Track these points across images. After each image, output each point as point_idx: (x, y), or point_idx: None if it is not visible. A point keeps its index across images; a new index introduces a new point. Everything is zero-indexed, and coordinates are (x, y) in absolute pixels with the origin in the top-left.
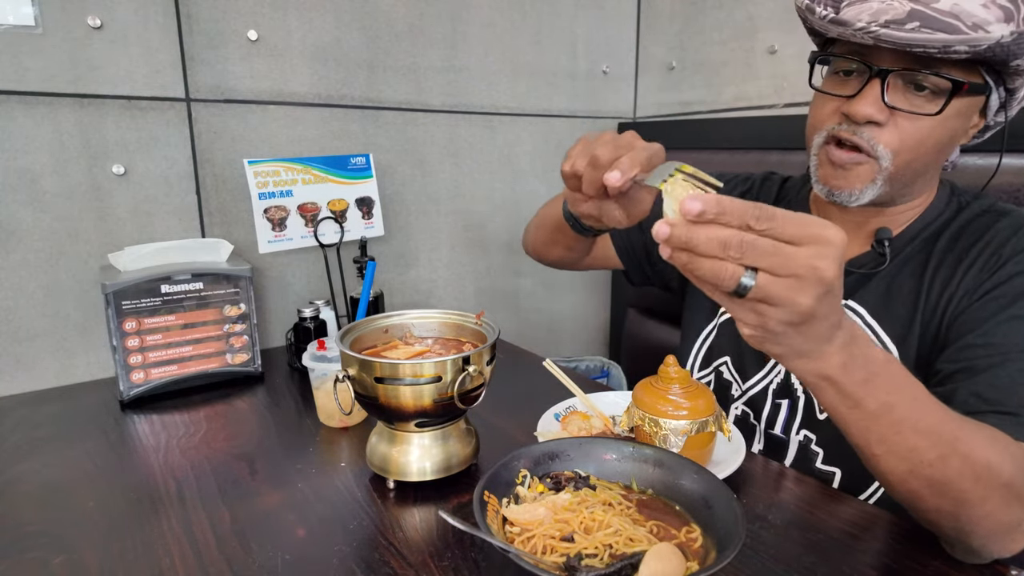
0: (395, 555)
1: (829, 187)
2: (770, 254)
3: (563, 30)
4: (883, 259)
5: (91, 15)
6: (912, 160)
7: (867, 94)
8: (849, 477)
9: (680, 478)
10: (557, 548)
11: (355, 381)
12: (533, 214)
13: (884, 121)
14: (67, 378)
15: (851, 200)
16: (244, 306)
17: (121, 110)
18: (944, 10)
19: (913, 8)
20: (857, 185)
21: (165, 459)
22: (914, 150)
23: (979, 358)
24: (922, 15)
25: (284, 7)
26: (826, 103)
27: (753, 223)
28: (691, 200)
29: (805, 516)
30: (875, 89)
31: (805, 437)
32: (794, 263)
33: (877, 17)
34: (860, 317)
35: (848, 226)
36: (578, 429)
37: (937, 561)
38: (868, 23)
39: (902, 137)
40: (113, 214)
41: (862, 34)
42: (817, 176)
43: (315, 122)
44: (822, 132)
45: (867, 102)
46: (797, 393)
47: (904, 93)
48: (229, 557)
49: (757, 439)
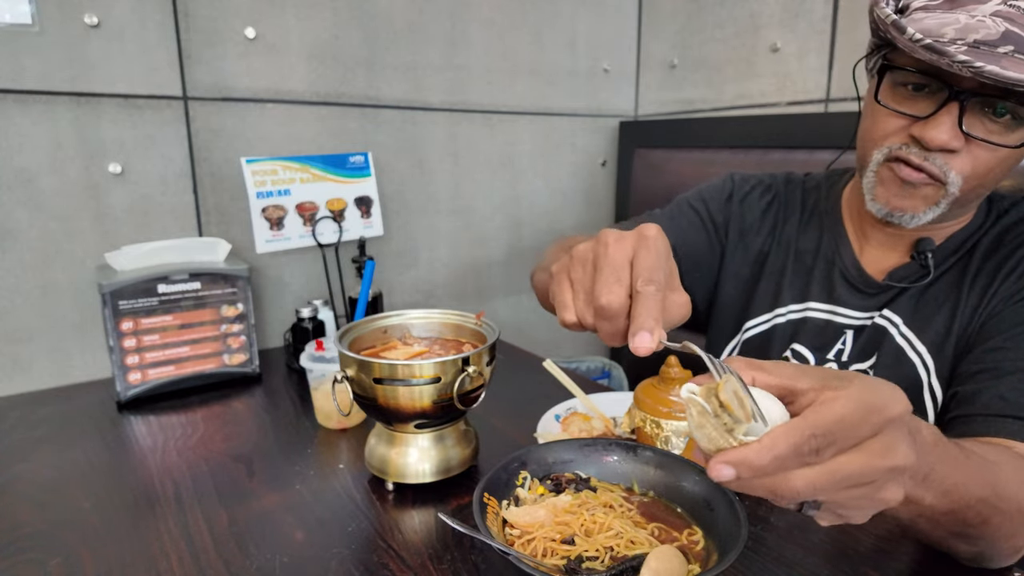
0: (394, 557)
1: (890, 208)
2: (832, 493)
3: (563, 28)
4: (925, 271)
5: (88, 13)
6: (979, 186)
7: (943, 119)
8: None
9: (682, 480)
10: (557, 551)
11: (354, 382)
12: (533, 214)
13: (959, 148)
14: (64, 379)
15: (911, 222)
16: (242, 306)
17: (118, 108)
18: None
19: (1009, 29)
20: (921, 207)
21: (162, 460)
22: (984, 176)
23: (1007, 360)
24: (1018, 39)
25: (282, 5)
26: (891, 120)
27: (811, 459)
28: (719, 466)
29: (808, 519)
30: (952, 114)
31: None
32: (860, 500)
33: (965, 35)
34: (896, 327)
35: (887, 237)
36: (579, 430)
37: (941, 565)
38: (955, 39)
39: (975, 165)
40: (110, 213)
41: (960, 67)
42: (874, 195)
43: (313, 120)
44: (883, 149)
45: (944, 129)
46: None
47: (981, 119)
48: (227, 559)
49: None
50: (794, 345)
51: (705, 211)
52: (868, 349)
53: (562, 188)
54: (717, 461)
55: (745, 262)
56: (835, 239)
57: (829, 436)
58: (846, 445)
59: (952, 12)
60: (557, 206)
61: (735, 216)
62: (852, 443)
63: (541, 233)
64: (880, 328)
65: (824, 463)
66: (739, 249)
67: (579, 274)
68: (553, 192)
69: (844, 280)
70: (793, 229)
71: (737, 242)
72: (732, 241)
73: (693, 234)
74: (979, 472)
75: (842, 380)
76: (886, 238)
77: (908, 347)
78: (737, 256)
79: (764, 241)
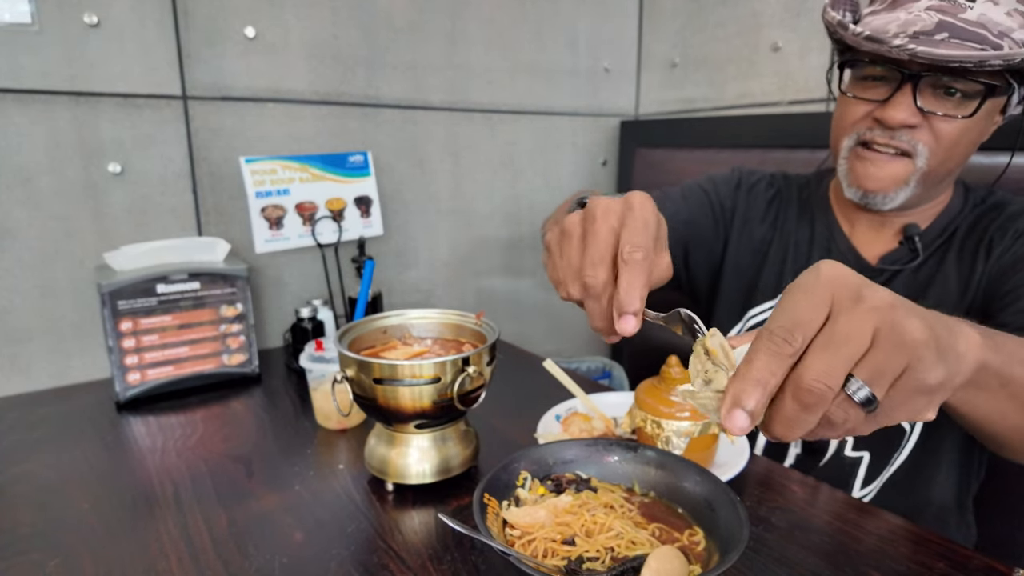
0: (394, 558)
1: (863, 190)
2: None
3: (564, 27)
4: (914, 254)
5: (87, 12)
6: (946, 159)
7: (899, 99)
8: (875, 458)
9: (683, 480)
10: (558, 551)
11: (353, 382)
12: (533, 213)
13: (919, 124)
14: (63, 379)
15: (885, 203)
16: (241, 306)
17: (117, 108)
18: (971, 20)
19: (942, 19)
20: (891, 187)
21: (161, 461)
22: (949, 150)
23: None
24: (951, 26)
25: (282, 4)
26: (855, 107)
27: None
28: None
29: (809, 519)
30: (907, 94)
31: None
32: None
33: (906, 28)
34: None
35: (874, 225)
36: (579, 431)
37: (942, 563)
38: (897, 33)
39: (938, 137)
40: (109, 213)
41: (898, 51)
42: (849, 180)
43: (313, 120)
44: (852, 135)
45: (901, 108)
46: None
47: (935, 97)
48: (226, 560)
49: (793, 444)
50: None
51: (715, 195)
52: None
53: (562, 188)
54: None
55: (748, 250)
56: (828, 228)
57: (786, 318)
58: (811, 316)
59: (893, 11)
60: (557, 206)
61: (741, 204)
62: (815, 311)
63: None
64: None
65: (813, 346)
66: (743, 236)
67: (567, 249)
68: (553, 192)
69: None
70: (792, 222)
71: (742, 229)
72: (737, 228)
73: (701, 216)
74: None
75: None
76: (872, 224)
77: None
78: (741, 244)
79: (767, 231)
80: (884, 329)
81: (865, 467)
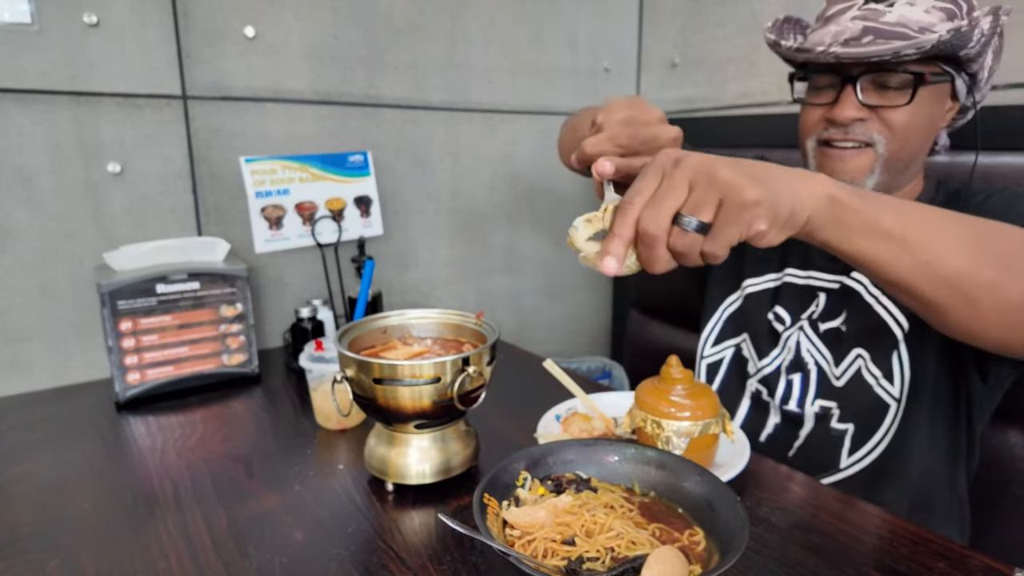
0: (394, 558)
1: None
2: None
3: (564, 27)
4: None
5: (87, 12)
6: (904, 143)
7: (844, 99)
8: (859, 429)
9: (683, 480)
10: (558, 551)
11: (353, 382)
12: (534, 214)
13: (867, 117)
14: (62, 379)
15: None
16: (241, 306)
17: (117, 108)
18: (892, 22)
19: (866, 25)
20: (860, 175)
21: (161, 461)
22: (904, 135)
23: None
24: (875, 30)
25: (282, 4)
26: (811, 112)
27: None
28: (605, 262)
29: (809, 519)
30: (850, 94)
31: (821, 408)
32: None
33: (837, 38)
34: (864, 287)
35: None
36: (579, 431)
37: (942, 563)
38: (831, 43)
39: (889, 125)
40: (109, 213)
41: (824, 55)
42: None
43: (313, 120)
44: (813, 137)
45: (847, 105)
46: (808, 367)
47: (876, 91)
48: (226, 560)
49: (772, 414)
50: (776, 308)
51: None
52: (838, 308)
53: (563, 188)
54: (600, 258)
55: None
56: None
57: (632, 190)
58: (646, 184)
59: (827, 26)
60: (558, 206)
61: None
62: (650, 180)
63: (542, 233)
64: (849, 288)
65: (646, 203)
66: None
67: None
68: (554, 192)
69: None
70: None
71: None
72: None
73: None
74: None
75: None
76: None
77: (877, 304)
78: None
79: None
80: (698, 178)
81: (850, 439)
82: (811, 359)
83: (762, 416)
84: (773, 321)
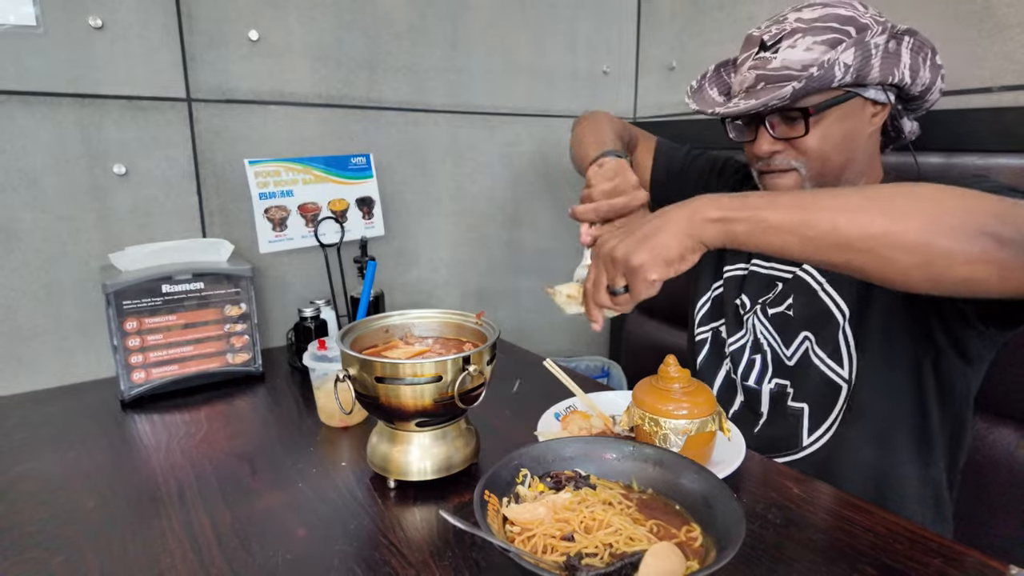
0: (396, 554)
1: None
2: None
3: (564, 31)
4: None
5: (92, 15)
6: (823, 162)
7: (760, 137)
8: (815, 409)
9: (680, 477)
10: (557, 547)
11: (356, 381)
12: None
13: (782, 148)
14: (68, 378)
15: None
16: (245, 306)
17: (122, 110)
18: (777, 67)
19: (758, 74)
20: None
21: (166, 459)
22: (819, 157)
23: None
24: (765, 76)
25: (285, 7)
26: (746, 147)
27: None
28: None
29: (805, 515)
30: (763, 132)
31: (776, 385)
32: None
33: (741, 86)
34: (812, 277)
35: None
36: (578, 429)
37: (937, 560)
38: (737, 92)
39: (804, 150)
40: (114, 214)
41: (713, 115)
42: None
43: (316, 122)
44: (754, 168)
45: (762, 142)
46: (764, 347)
47: (785, 125)
48: (230, 557)
49: (739, 392)
50: (742, 295)
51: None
52: (786, 294)
53: (562, 189)
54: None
55: None
56: None
57: (590, 273)
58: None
59: (736, 75)
60: (557, 207)
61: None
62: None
63: (541, 234)
64: (799, 279)
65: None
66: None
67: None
68: (554, 193)
69: None
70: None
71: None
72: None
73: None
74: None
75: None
76: None
77: (821, 291)
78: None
79: None
80: (607, 262)
81: (807, 418)
82: (764, 341)
83: (731, 393)
84: (739, 306)
